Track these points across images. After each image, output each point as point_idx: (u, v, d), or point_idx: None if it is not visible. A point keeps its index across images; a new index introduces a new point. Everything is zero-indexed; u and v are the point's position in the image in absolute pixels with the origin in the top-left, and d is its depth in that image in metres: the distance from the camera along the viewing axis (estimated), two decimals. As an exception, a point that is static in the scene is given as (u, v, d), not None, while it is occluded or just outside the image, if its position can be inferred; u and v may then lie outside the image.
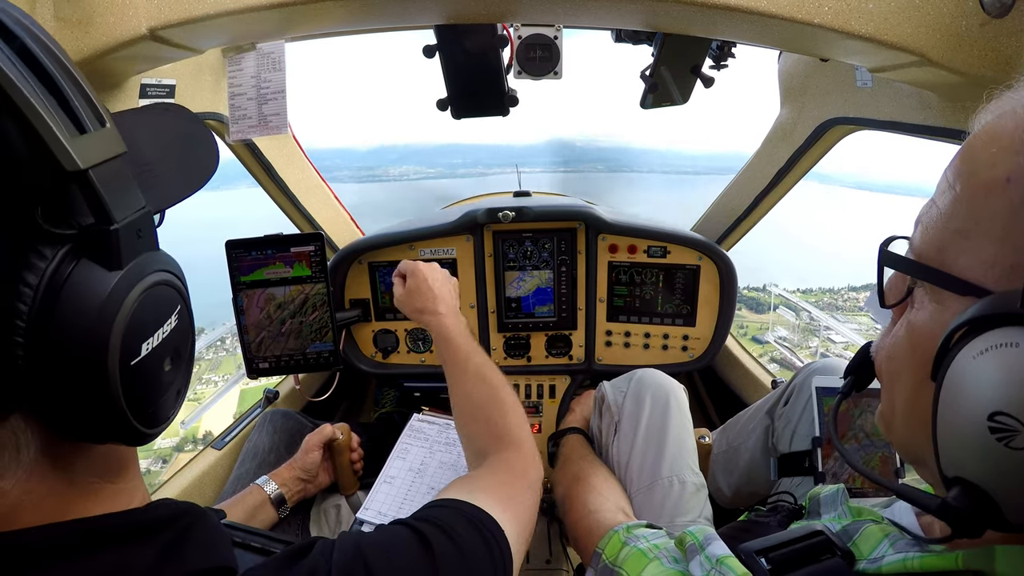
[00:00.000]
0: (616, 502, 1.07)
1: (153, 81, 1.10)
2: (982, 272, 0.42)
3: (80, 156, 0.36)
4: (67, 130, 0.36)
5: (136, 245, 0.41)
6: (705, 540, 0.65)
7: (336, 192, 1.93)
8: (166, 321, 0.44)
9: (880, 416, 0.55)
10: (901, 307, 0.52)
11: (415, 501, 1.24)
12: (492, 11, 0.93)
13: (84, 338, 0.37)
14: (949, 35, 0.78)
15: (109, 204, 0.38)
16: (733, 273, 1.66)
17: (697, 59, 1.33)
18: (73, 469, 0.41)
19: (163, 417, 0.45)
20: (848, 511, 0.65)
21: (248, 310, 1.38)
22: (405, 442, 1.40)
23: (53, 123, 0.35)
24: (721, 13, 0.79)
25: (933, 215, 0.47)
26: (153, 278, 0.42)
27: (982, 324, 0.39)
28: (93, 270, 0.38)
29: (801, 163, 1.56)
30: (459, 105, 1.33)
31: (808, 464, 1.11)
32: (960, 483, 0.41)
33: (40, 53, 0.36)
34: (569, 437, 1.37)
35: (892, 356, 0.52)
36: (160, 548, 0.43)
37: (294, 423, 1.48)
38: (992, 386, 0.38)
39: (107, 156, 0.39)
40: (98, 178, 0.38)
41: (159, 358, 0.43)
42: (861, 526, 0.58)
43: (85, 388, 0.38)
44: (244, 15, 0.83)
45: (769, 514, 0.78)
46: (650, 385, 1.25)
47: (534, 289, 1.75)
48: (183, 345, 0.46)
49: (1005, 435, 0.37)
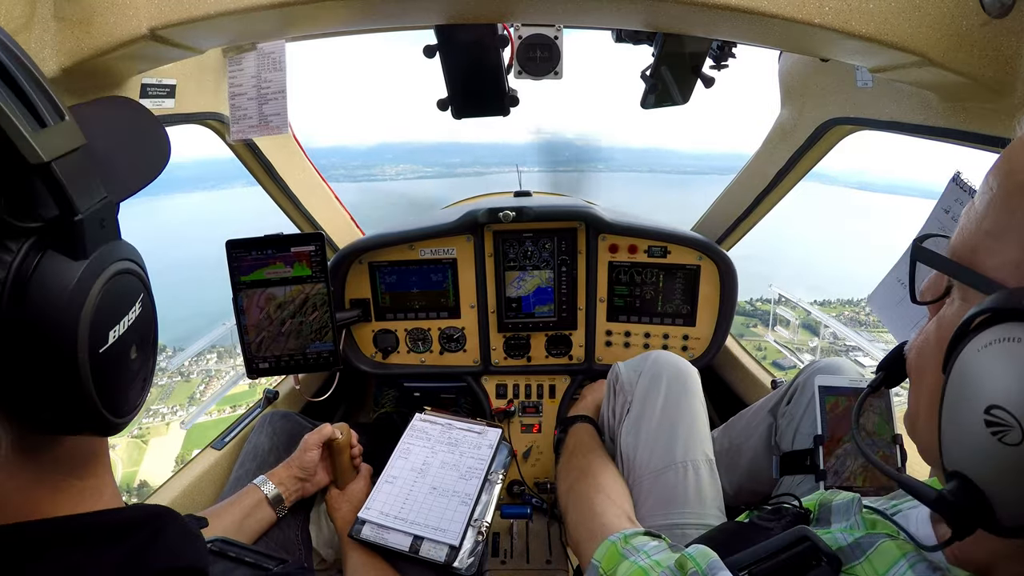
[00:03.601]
0: (623, 507, 1.04)
1: (153, 81, 1.10)
2: (1008, 272, 0.41)
3: (43, 149, 0.36)
4: (28, 124, 0.36)
5: (99, 235, 0.42)
6: (708, 569, 0.63)
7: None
8: (131, 309, 0.44)
9: (906, 416, 0.54)
10: (938, 305, 0.51)
11: (417, 501, 1.24)
12: (492, 11, 0.93)
13: (53, 328, 0.38)
14: (949, 35, 0.78)
15: (72, 195, 0.39)
16: (733, 273, 1.67)
17: (697, 59, 1.33)
18: (41, 465, 0.41)
19: (131, 405, 0.45)
20: (862, 522, 0.63)
21: (248, 310, 1.38)
22: (407, 442, 1.40)
23: (14, 117, 0.35)
24: (721, 13, 0.79)
25: (970, 215, 0.47)
26: (117, 267, 0.43)
27: (990, 318, 0.39)
28: (59, 261, 0.38)
29: (801, 163, 1.56)
30: (459, 105, 1.33)
31: (810, 462, 1.11)
32: (958, 477, 0.41)
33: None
34: (578, 426, 1.34)
35: (921, 352, 0.52)
36: (127, 550, 0.43)
37: (294, 424, 1.48)
38: (991, 379, 0.38)
39: (68, 148, 0.39)
40: (61, 170, 0.38)
41: (126, 345, 0.44)
42: (876, 540, 0.56)
43: (56, 378, 0.38)
44: (244, 15, 0.83)
45: (772, 517, 0.77)
46: (667, 366, 1.23)
47: (534, 289, 1.75)
48: (147, 332, 0.47)
49: (999, 430, 0.37)
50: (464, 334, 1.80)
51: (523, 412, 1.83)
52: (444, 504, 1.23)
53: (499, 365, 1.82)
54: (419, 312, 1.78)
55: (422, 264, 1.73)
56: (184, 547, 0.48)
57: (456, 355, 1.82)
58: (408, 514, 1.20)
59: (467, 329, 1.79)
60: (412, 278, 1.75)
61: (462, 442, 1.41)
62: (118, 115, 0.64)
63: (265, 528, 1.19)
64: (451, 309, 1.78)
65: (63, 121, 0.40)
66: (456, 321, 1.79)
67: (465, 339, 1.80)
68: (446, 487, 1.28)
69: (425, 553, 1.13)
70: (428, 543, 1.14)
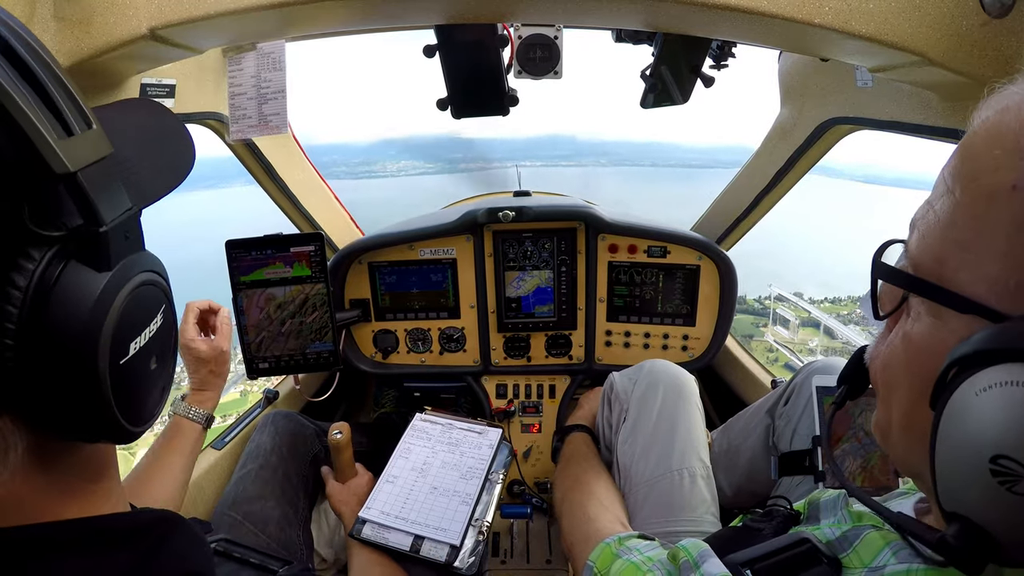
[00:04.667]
0: (616, 513, 1.05)
1: (153, 81, 1.10)
2: (985, 289, 0.39)
3: (69, 158, 0.36)
4: (55, 132, 0.36)
5: (124, 247, 0.41)
6: (699, 557, 0.63)
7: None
8: (152, 320, 0.44)
9: (876, 425, 0.53)
10: (896, 315, 0.49)
11: (418, 500, 1.24)
12: (492, 11, 0.93)
13: (75, 339, 0.37)
14: (949, 35, 0.78)
15: (98, 206, 0.38)
16: (733, 273, 1.67)
17: (697, 59, 1.33)
18: (55, 470, 0.41)
19: (149, 414, 0.45)
20: (848, 516, 0.63)
21: (248, 310, 1.38)
22: (408, 441, 1.40)
23: (41, 125, 0.34)
24: (721, 13, 0.79)
25: (931, 221, 0.43)
26: (140, 278, 0.42)
27: (986, 358, 0.36)
28: (82, 272, 0.38)
29: (801, 163, 1.56)
30: (459, 105, 1.33)
31: (808, 463, 1.11)
32: (959, 520, 0.39)
33: (26, 55, 0.36)
34: (575, 435, 1.35)
35: (888, 366, 0.49)
36: (135, 556, 0.43)
37: (296, 424, 1.48)
38: (995, 427, 0.35)
39: (95, 158, 0.39)
40: (86, 180, 0.37)
41: (146, 356, 0.44)
42: (862, 532, 0.56)
43: (75, 388, 0.38)
44: (244, 15, 0.83)
45: (764, 519, 0.77)
46: (662, 374, 1.24)
47: (534, 289, 1.75)
48: (167, 343, 0.47)
49: (1008, 479, 0.35)
50: (464, 334, 1.80)
51: (523, 412, 1.83)
52: (445, 504, 1.23)
53: (499, 365, 1.82)
54: (419, 312, 1.78)
55: (422, 264, 1.73)
56: (191, 552, 0.48)
57: (456, 355, 1.82)
58: (409, 514, 1.20)
59: (467, 329, 1.79)
60: (412, 278, 1.75)
61: (463, 442, 1.41)
62: (141, 118, 0.62)
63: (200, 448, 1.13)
64: (451, 309, 1.78)
65: (90, 130, 0.39)
66: (456, 321, 1.79)
67: (465, 339, 1.80)
68: (447, 487, 1.28)
69: (426, 553, 1.13)
70: (429, 543, 1.14)
